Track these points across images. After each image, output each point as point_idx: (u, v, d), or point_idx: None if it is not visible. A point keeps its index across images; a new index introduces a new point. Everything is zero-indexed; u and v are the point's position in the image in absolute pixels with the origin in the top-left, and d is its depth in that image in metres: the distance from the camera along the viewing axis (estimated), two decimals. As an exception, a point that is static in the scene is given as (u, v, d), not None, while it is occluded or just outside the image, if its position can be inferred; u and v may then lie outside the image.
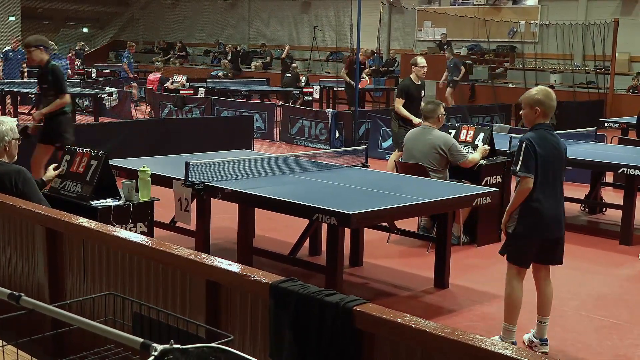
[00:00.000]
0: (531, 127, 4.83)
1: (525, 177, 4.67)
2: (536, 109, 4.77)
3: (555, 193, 4.84)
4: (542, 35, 22.40)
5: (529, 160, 4.65)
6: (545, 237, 4.85)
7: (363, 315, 2.68)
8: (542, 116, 4.79)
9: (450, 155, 7.20)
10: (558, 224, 4.89)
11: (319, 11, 27.88)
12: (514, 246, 4.82)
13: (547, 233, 4.85)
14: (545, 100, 4.77)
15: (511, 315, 4.87)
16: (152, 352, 1.71)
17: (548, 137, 4.78)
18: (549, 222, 4.81)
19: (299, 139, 14.21)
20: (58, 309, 2.01)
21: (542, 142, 4.71)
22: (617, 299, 6.02)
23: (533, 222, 4.74)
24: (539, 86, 5.32)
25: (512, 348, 2.38)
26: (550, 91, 4.90)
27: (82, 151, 5.33)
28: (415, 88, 9.56)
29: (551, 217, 4.80)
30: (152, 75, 17.90)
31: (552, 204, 4.80)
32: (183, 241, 6.21)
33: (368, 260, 6.69)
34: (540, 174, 4.69)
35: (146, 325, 2.45)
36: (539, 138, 4.72)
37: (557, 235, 4.91)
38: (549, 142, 4.76)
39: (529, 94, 4.88)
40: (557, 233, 4.90)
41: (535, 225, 4.76)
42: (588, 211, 9.08)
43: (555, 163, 4.80)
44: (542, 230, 4.80)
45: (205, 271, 3.27)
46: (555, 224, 4.86)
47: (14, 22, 29.94)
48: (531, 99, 4.80)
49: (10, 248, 4.49)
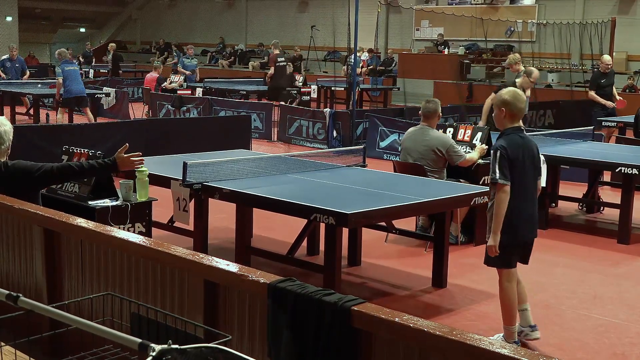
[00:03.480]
0: (501, 132, 4.82)
1: (503, 185, 4.65)
2: (502, 110, 4.75)
3: (532, 196, 4.85)
4: (540, 34, 22.42)
5: (504, 167, 4.64)
6: (527, 240, 4.91)
7: (361, 315, 2.68)
8: (510, 118, 4.75)
9: (447, 156, 7.20)
10: (535, 225, 4.94)
11: (316, 11, 27.89)
12: (503, 254, 4.80)
13: (528, 236, 4.89)
14: (512, 101, 4.73)
15: (510, 316, 4.88)
16: (150, 353, 1.71)
17: (519, 141, 4.76)
18: (530, 225, 4.85)
19: (296, 138, 14.22)
20: (56, 310, 2.01)
21: (514, 147, 4.69)
22: (615, 297, 6.02)
23: (515, 229, 4.75)
24: (509, 87, 5.32)
25: (509, 347, 2.38)
26: (519, 93, 4.85)
27: (80, 151, 5.33)
28: None
29: (530, 220, 4.84)
30: (149, 75, 17.89)
31: (530, 207, 4.82)
32: (181, 241, 6.21)
33: (366, 259, 6.70)
34: (517, 180, 4.69)
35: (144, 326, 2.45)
36: (511, 144, 4.71)
37: (535, 236, 4.96)
38: (521, 146, 4.74)
39: (499, 94, 4.89)
40: (535, 234, 4.95)
41: (518, 230, 4.78)
42: (586, 210, 9.08)
43: (529, 166, 4.79)
44: (523, 235, 4.84)
45: (203, 271, 3.27)
46: (533, 226, 4.91)
47: (11, 22, 29.91)
48: (499, 100, 4.81)
49: (8, 248, 4.48)
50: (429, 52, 22.88)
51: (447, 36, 23.23)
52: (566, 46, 21.07)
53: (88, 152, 5.26)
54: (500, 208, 4.67)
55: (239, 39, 30.44)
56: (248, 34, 30.46)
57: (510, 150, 4.66)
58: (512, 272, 4.87)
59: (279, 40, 18.93)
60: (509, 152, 4.65)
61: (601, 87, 12.68)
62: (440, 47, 22.91)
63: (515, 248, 4.84)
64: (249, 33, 30.45)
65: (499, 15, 22.84)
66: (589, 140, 9.49)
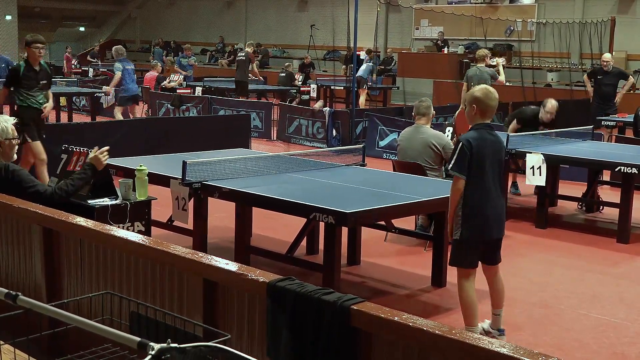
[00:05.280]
0: (471, 127, 4.83)
1: (457, 177, 4.68)
2: (473, 107, 4.78)
3: (496, 193, 4.80)
4: (539, 33, 22.41)
5: (463, 160, 4.65)
6: (489, 238, 4.84)
7: (360, 314, 2.68)
8: (480, 115, 4.78)
9: (444, 153, 7.21)
10: (500, 224, 4.87)
11: (316, 10, 27.88)
12: (459, 251, 4.81)
13: (490, 234, 4.83)
14: (482, 98, 4.76)
15: (470, 317, 4.83)
16: (150, 351, 1.71)
17: (487, 136, 4.75)
18: (492, 223, 4.79)
19: (296, 137, 14.21)
20: (55, 308, 2.01)
21: (480, 142, 4.69)
22: (614, 297, 6.02)
23: (476, 225, 4.73)
24: (482, 85, 5.32)
25: (509, 346, 2.38)
26: (491, 91, 4.87)
27: (79, 150, 5.32)
28: None
29: (493, 218, 4.78)
30: (149, 74, 17.88)
31: (493, 204, 4.77)
32: (180, 240, 6.20)
33: (365, 259, 6.70)
34: (478, 174, 4.68)
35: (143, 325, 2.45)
36: (478, 138, 4.71)
37: (499, 236, 4.90)
38: (488, 142, 4.74)
39: (471, 91, 4.91)
40: (499, 234, 4.88)
41: (479, 227, 4.75)
42: (585, 209, 9.09)
43: (494, 162, 4.77)
44: (485, 232, 4.79)
45: (203, 270, 3.26)
46: (497, 225, 4.84)
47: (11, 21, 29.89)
48: (470, 97, 4.84)
49: (7, 247, 4.48)
50: (429, 51, 22.87)
51: (447, 35, 23.22)
52: (566, 45, 21.06)
53: (87, 151, 5.25)
54: (452, 198, 4.74)
55: (239, 38, 30.41)
56: (247, 33, 30.44)
57: (474, 145, 4.66)
58: (470, 273, 4.83)
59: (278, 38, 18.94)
60: (472, 146, 4.65)
61: (599, 83, 12.76)
62: (440, 46, 22.90)
63: (472, 246, 4.79)
64: (248, 32, 30.44)
65: (498, 15, 22.83)
66: (589, 139, 9.49)
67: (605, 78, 12.70)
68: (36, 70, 8.39)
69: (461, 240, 4.76)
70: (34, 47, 8.32)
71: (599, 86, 12.77)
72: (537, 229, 8.04)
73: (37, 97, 8.40)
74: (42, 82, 8.43)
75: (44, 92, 8.52)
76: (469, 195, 4.69)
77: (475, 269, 4.87)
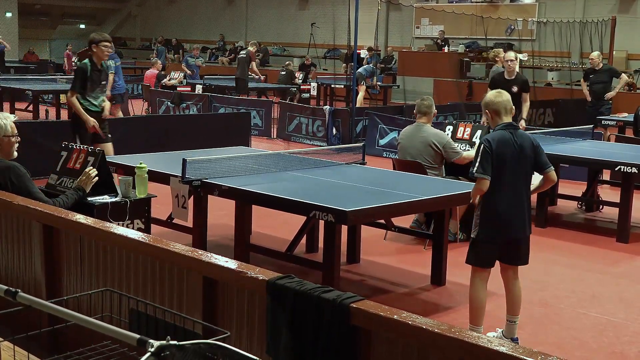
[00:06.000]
0: (494, 129, 4.86)
1: (481, 179, 4.65)
2: (487, 112, 4.87)
3: (516, 192, 4.75)
4: (540, 32, 22.40)
5: (487, 161, 4.64)
6: (507, 237, 4.80)
7: (360, 312, 2.68)
8: (496, 115, 4.82)
9: (444, 152, 7.21)
10: (521, 223, 4.80)
11: (316, 8, 27.87)
12: (475, 250, 4.80)
13: (509, 233, 4.78)
14: (491, 99, 4.83)
15: (476, 317, 4.82)
16: (149, 349, 1.71)
17: (507, 136, 4.73)
18: (511, 222, 4.74)
19: (296, 136, 14.21)
20: (55, 305, 2.01)
21: (500, 142, 4.69)
22: (614, 296, 6.03)
23: (494, 225, 4.72)
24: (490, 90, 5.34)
25: (508, 345, 2.39)
26: (497, 91, 4.97)
27: (79, 147, 5.32)
28: None
29: (513, 217, 4.74)
30: (149, 71, 17.88)
31: (513, 204, 4.73)
32: (180, 238, 6.20)
33: (365, 257, 6.70)
34: (498, 174, 4.66)
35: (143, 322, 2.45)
36: (498, 139, 4.70)
37: (520, 235, 4.83)
38: (508, 141, 4.71)
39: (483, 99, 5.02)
40: (519, 233, 4.81)
41: (497, 227, 4.73)
42: (585, 209, 9.09)
43: (514, 162, 4.72)
44: (503, 232, 4.76)
45: (202, 268, 3.27)
46: (518, 224, 4.78)
47: (11, 18, 29.90)
48: (482, 106, 4.95)
49: (7, 244, 4.49)
50: (429, 50, 22.86)
51: (447, 34, 23.21)
52: (566, 45, 21.06)
53: (87, 149, 5.25)
54: (472, 199, 4.79)
55: (239, 36, 30.42)
56: (248, 31, 30.44)
57: (495, 145, 4.66)
58: (483, 272, 4.80)
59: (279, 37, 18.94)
60: (493, 146, 4.65)
61: (591, 82, 12.86)
62: (440, 45, 22.90)
63: (488, 246, 4.77)
64: (249, 30, 30.43)
65: (499, 14, 22.83)
66: (589, 138, 9.49)
67: (595, 76, 12.76)
68: (100, 70, 7.84)
69: (477, 239, 4.75)
70: (103, 45, 7.70)
71: (591, 85, 12.84)
72: (537, 228, 8.03)
73: (97, 100, 7.84)
74: (102, 83, 7.94)
75: (104, 94, 8.05)
76: (487, 195, 4.67)
77: (489, 270, 4.83)
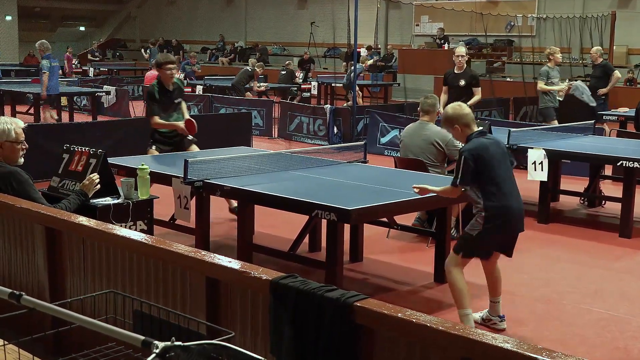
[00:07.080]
0: (466, 139, 4.94)
1: (459, 188, 4.84)
2: (456, 127, 4.96)
3: (514, 185, 4.90)
4: (540, 28, 22.39)
5: (468, 173, 4.75)
6: (511, 233, 4.95)
7: (363, 311, 2.68)
8: (467, 127, 4.93)
9: (447, 150, 7.20)
10: (522, 218, 4.96)
11: (316, 7, 27.86)
12: (471, 244, 4.88)
13: (514, 230, 4.94)
14: (458, 114, 4.94)
15: (463, 300, 4.94)
16: (154, 350, 1.71)
17: (484, 141, 4.87)
18: (517, 219, 4.89)
19: (297, 135, 14.21)
20: (59, 308, 2.01)
21: (481, 148, 4.80)
22: (616, 291, 6.02)
23: (499, 224, 4.81)
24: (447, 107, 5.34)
25: (512, 342, 2.38)
26: (456, 105, 5.10)
27: (81, 150, 5.32)
28: None
29: (517, 214, 4.88)
30: (149, 73, 17.87)
31: (514, 200, 4.86)
32: (183, 239, 6.22)
33: (368, 255, 6.70)
34: (490, 178, 4.77)
35: (147, 323, 2.45)
36: (477, 146, 4.81)
37: (521, 230, 4.99)
38: (488, 145, 4.84)
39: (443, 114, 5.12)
40: (521, 228, 4.97)
41: (502, 225, 4.84)
42: (587, 204, 9.08)
43: (502, 160, 4.87)
44: (509, 229, 4.90)
45: (205, 268, 3.27)
46: (521, 220, 4.94)
47: (11, 21, 29.91)
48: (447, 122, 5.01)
49: (10, 247, 4.49)
50: (429, 47, 22.85)
51: (447, 31, 23.19)
52: (566, 40, 21.03)
53: (89, 151, 5.26)
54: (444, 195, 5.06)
55: (239, 36, 30.41)
56: (248, 31, 30.43)
57: (475, 153, 4.77)
58: (465, 262, 4.95)
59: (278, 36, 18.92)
60: (474, 155, 4.76)
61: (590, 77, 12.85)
62: (440, 42, 22.89)
63: (487, 244, 4.91)
64: (248, 30, 30.43)
65: (498, 10, 22.81)
66: (590, 134, 9.48)
67: (592, 71, 12.76)
68: (170, 90, 7.69)
69: (477, 238, 4.83)
70: (166, 68, 7.62)
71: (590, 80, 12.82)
72: (539, 224, 8.03)
73: (176, 119, 7.72)
74: (176, 102, 7.74)
75: (179, 111, 7.78)
76: (487, 200, 4.77)
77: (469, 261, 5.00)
